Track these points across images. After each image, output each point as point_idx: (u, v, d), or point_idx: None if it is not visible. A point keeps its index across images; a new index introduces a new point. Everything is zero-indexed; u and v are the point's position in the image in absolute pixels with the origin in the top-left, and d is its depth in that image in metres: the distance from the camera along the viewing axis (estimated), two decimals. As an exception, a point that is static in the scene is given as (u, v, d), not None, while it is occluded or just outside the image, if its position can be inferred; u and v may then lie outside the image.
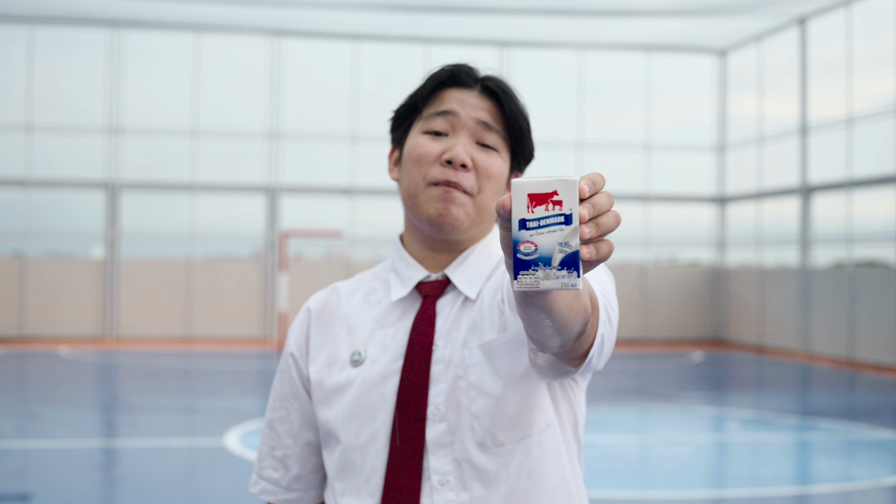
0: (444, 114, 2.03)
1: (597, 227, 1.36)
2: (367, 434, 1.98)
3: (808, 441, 11.39)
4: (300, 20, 22.27)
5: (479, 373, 1.94)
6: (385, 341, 2.03)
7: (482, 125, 2.02)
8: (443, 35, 22.92)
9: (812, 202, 21.23)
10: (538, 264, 1.36)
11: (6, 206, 22.64)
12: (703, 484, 9.02)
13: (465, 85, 2.05)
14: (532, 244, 1.36)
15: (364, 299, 2.12)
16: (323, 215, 24.14)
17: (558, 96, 23.75)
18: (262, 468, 2.17)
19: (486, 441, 1.93)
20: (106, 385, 15.97)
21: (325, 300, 2.16)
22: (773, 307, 22.17)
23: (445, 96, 2.05)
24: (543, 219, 1.35)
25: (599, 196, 1.37)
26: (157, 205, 23.59)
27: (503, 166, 2.05)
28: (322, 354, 2.09)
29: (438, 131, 2.03)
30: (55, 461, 9.39)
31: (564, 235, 1.35)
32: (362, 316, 2.09)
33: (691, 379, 17.01)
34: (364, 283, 2.17)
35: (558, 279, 1.36)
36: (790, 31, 21.91)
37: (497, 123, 2.04)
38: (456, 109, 2.02)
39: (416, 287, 2.08)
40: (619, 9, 20.92)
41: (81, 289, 22.50)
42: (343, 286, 2.18)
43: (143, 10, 21.51)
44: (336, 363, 2.06)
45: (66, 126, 22.73)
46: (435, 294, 2.05)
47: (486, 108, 2.03)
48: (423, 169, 2.02)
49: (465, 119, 2.02)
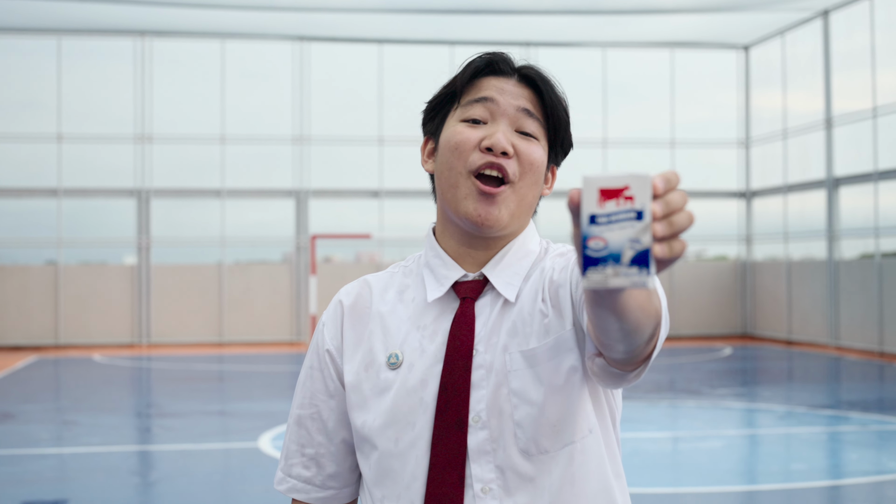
0: (482, 100, 1.96)
1: (670, 226, 1.33)
2: (406, 440, 1.92)
3: (839, 434, 11.39)
4: (325, 25, 22.40)
5: (520, 379, 1.88)
6: (423, 344, 1.96)
7: (523, 112, 1.95)
8: (467, 37, 23.01)
9: (838, 195, 21.18)
10: (608, 261, 1.32)
11: (39, 215, 22.91)
12: (735, 479, 9.03)
13: (504, 73, 1.98)
14: (601, 240, 1.32)
15: (398, 297, 2.05)
16: (351, 218, 24.28)
17: (583, 95, 23.79)
18: (291, 466, 2.09)
19: (529, 448, 1.88)
20: (140, 390, 16.14)
21: (357, 294, 2.09)
22: (801, 301, 22.13)
23: (483, 84, 1.98)
24: (614, 214, 1.32)
25: (674, 194, 1.34)
26: (187, 211, 23.80)
27: (543, 155, 1.97)
28: (357, 355, 2.02)
29: (477, 119, 1.95)
30: (92, 466, 9.54)
31: (636, 232, 1.31)
32: (397, 315, 2.02)
33: (721, 374, 17.01)
34: (396, 277, 2.09)
35: (628, 277, 1.32)
36: (813, 25, 21.87)
37: (537, 111, 1.97)
38: (495, 96, 1.95)
39: (452, 287, 2.00)
40: (641, 7, 20.94)
41: (114, 296, 22.73)
42: (374, 280, 2.10)
43: (170, 19, 21.71)
44: (372, 365, 1.99)
45: (96, 135, 22.97)
46: (473, 295, 1.97)
47: (526, 97, 1.96)
48: (463, 156, 1.94)
49: (504, 106, 1.95)
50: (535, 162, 1.95)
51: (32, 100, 23.38)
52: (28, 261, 23.02)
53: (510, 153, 1.92)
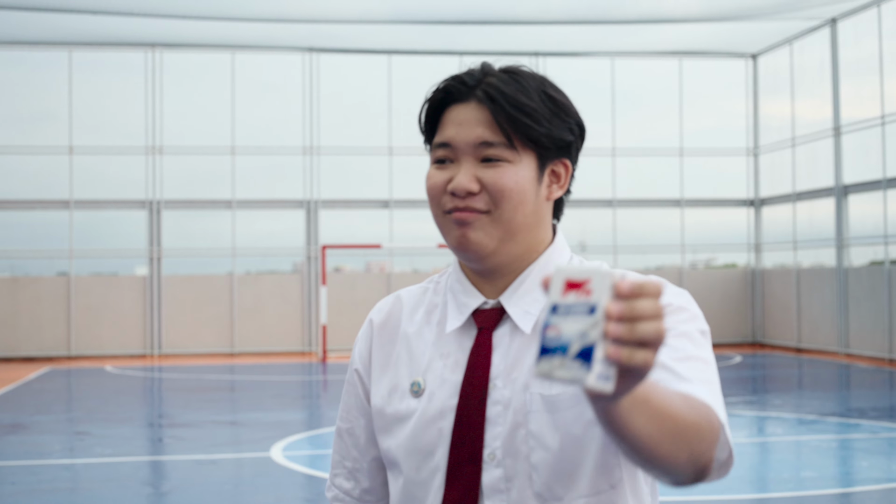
0: (442, 145, 1.90)
1: (631, 331, 1.27)
2: (427, 470, 1.90)
3: (849, 442, 11.40)
4: (334, 36, 22.49)
5: (539, 422, 1.81)
6: (444, 374, 1.91)
7: (481, 145, 1.85)
8: (476, 47, 23.08)
9: (847, 202, 21.19)
10: (556, 352, 1.29)
11: (51, 227, 23.03)
12: (746, 487, 9.04)
13: (463, 99, 1.89)
14: (557, 330, 1.30)
15: (426, 318, 1.99)
16: (361, 228, 24.36)
17: (592, 104, 23.82)
18: (335, 475, 2.11)
19: (544, 493, 1.82)
20: (152, 401, 16.20)
21: (388, 313, 2.04)
22: (811, 308, 22.12)
23: (445, 120, 1.91)
24: (572, 306, 1.29)
25: (644, 301, 1.28)
26: (198, 222, 23.90)
27: (519, 173, 1.85)
28: (384, 378, 1.99)
29: (444, 159, 1.90)
30: (104, 476, 9.58)
31: (585, 326, 1.28)
32: (423, 339, 1.96)
33: (731, 382, 17.01)
34: (428, 294, 2.02)
35: (570, 370, 1.28)
36: (821, 33, 21.89)
37: (498, 133, 1.84)
38: (452, 137, 1.87)
39: (472, 315, 1.92)
40: (649, 16, 20.99)
41: (126, 307, 22.82)
42: (407, 296, 2.05)
43: (180, 31, 21.82)
44: (396, 391, 1.96)
45: (108, 147, 23.09)
46: (489, 326, 1.90)
47: (485, 121, 1.85)
48: (436, 200, 1.89)
49: (462, 145, 1.86)
50: (505, 188, 1.84)
51: (44, 112, 23.51)
52: (40, 272, 23.13)
53: (475, 190, 1.84)
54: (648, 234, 24.90)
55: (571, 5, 20.09)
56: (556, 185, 1.93)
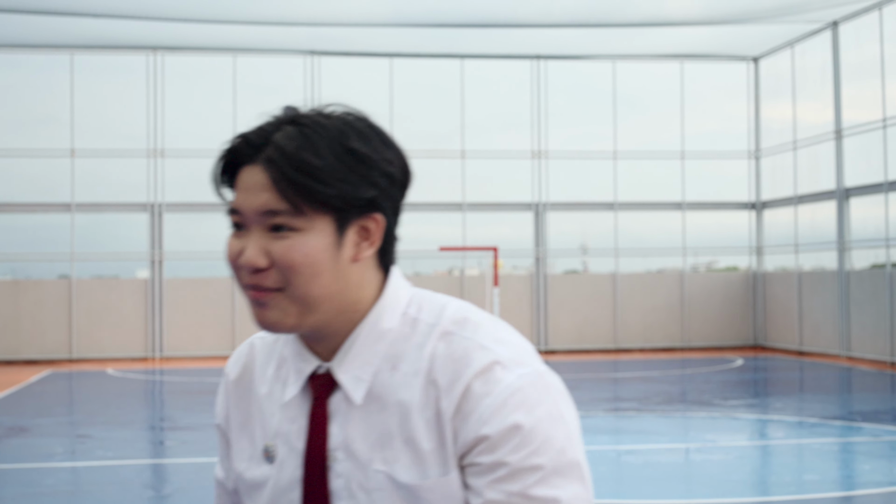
0: (232, 212, 1.70)
1: None
2: None
3: (851, 445, 11.39)
4: (336, 39, 22.50)
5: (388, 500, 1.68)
6: (290, 441, 1.78)
7: (266, 214, 1.65)
8: (477, 51, 23.08)
9: (848, 205, 21.19)
10: None
11: (53, 230, 23.05)
12: (747, 490, 9.04)
13: (249, 161, 1.68)
14: None
15: (276, 374, 1.84)
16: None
17: (593, 108, 23.84)
18: None
19: None
20: (153, 404, 16.20)
21: (243, 367, 1.91)
22: (812, 311, 22.12)
23: (237, 181, 1.70)
24: None
25: None
26: (199, 225, 23.91)
27: (309, 243, 1.66)
28: (243, 439, 1.88)
29: (239, 225, 1.70)
30: (105, 480, 9.58)
31: None
32: (273, 399, 1.83)
33: (732, 385, 17.01)
34: (279, 344, 1.87)
35: None
36: (822, 36, 21.90)
37: (282, 200, 1.64)
38: (239, 205, 1.68)
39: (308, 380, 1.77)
40: (651, 19, 21.00)
41: (127, 309, 22.83)
42: (261, 345, 1.91)
43: (181, 35, 21.84)
44: (254, 456, 1.84)
45: (109, 150, 23.11)
46: (322, 395, 1.75)
47: (269, 186, 1.65)
48: (234, 272, 1.71)
49: (248, 214, 1.67)
50: (294, 263, 1.64)
51: (46, 115, 23.53)
52: (42, 275, 23.15)
53: (263, 266, 1.65)
54: (650, 237, 24.91)
55: (573, 9, 20.10)
56: (365, 244, 1.74)
